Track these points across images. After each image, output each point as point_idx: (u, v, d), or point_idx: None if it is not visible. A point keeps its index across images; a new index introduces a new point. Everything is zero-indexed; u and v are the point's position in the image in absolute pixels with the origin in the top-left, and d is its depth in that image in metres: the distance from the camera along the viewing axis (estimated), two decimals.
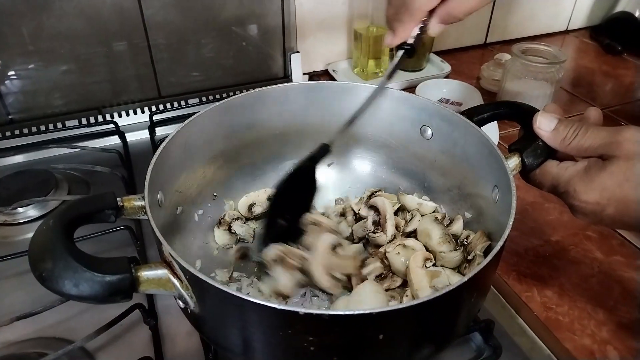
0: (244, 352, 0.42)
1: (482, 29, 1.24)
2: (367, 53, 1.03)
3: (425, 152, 0.63)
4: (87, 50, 0.88)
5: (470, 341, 0.57)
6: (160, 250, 0.41)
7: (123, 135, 0.88)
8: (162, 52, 0.92)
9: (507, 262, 0.64)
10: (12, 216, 0.70)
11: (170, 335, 0.56)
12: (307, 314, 0.34)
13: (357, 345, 0.38)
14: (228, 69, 1.00)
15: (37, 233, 0.39)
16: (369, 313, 0.34)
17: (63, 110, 0.91)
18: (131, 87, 0.94)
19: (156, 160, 0.49)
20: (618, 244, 0.67)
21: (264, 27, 0.99)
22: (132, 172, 0.80)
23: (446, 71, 1.10)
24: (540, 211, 0.73)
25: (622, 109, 1.01)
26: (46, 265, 0.36)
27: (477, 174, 0.56)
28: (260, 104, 0.62)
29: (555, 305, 0.59)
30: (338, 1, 1.02)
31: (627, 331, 0.56)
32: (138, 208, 0.45)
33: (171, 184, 0.54)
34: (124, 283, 0.37)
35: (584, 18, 1.36)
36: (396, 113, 0.63)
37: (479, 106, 0.58)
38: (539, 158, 0.49)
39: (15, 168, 0.79)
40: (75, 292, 0.35)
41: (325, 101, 0.65)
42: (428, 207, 0.63)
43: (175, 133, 0.53)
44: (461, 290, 0.38)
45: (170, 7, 0.89)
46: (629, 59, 1.22)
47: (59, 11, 0.82)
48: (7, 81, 0.85)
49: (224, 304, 0.38)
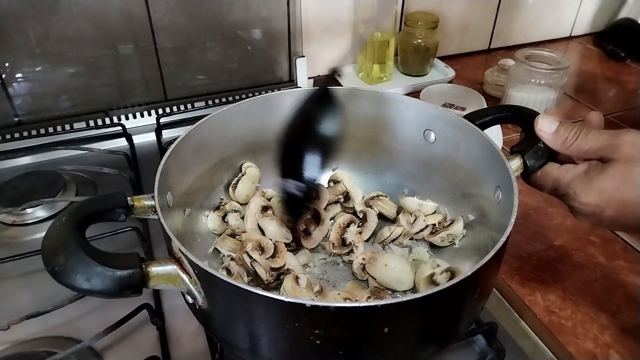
0: (250, 347, 0.42)
1: (486, 34, 1.25)
2: (371, 58, 1.04)
3: (428, 155, 0.64)
4: (95, 53, 0.89)
5: (473, 344, 0.57)
6: (169, 247, 0.42)
7: (130, 138, 0.89)
8: (169, 55, 0.93)
9: (511, 266, 0.65)
10: (21, 217, 0.71)
11: (177, 335, 0.57)
12: (313, 306, 0.35)
13: (363, 338, 0.38)
14: (234, 72, 1.01)
15: (51, 229, 0.39)
16: (375, 305, 0.35)
17: (71, 113, 0.91)
18: (138, 90, 0.95)
19: (166, 161, 0.49)
20: (621, 249, 0.68)
21: (270, 32, 0.99)
22: (139, 174, 0.81)
23: (450, 76, 1.10)
24: (544, 216, 0.73)
25: (625, 114, 1.01)
26: (59, 260, 0.36)
27: (480, 176, 0.56)
28: (268, 109, 0.63)
29: (558, 309, 0.59)
30: (343, 6, 1.03)
31: (630, 335, 0.56)
32: (147, 207, 0.45)
33: (180, 186, 0.55)
34: (134, 278, 0.37)
35: (587, 24, 1.37)
36: (400, 117, 0.64)
37: (481, 110, 0.59)
38: (540, 160, 0.50)
39: (23, 169, 0.80)
40: (87, 287, 0.36)
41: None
42: (429, 208, 0.64)
43: (185, 135, 0.54)
44: (465, 284, 0.38)
45: (177, 11, 0.90)
46: (632, 65, 1.23)
47: (67, 14, 0.83)
48: (15, 83, 0.86)
49: (232, 297, 0.38)
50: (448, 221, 0.62)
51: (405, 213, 0.64)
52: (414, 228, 0.62)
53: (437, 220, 0.62)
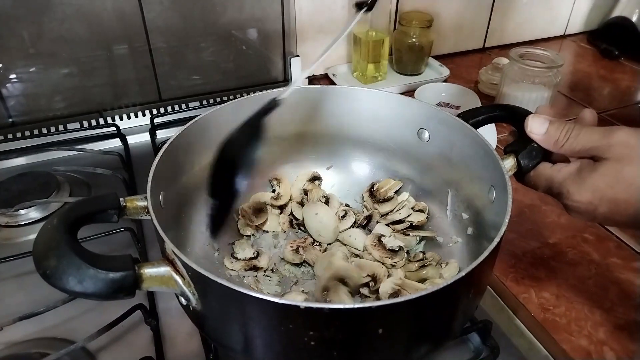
0: (244, 349, 0.42)
1: (481, 33, 1.25)
2: (366, 57, 1.04)
3: (422, 154, 0.64)
4: (89, 53, 0.88)
5: (468, 342, 0.57)
6: (162, 248, 0.42)
7: (124, 138, 0.88)
8: (163, 55, 0.93)
9: (505, 263, 0.65)
10: (14, 218, 0.71)
11: (171, 335, 0.57)
12: (307, 308, 0.35)
13: (357, 340, 0.38)
14: (228, 72, 1.01)
15: (42, 232, 0.39)
16: (369, 307, 0.35)
17: (64, 113, 0.91)
18: (132, 90, 0.95)
19: (158, 162, 0.49)
20: (615, 246, 0.68)
21: (264, 31, 0.99)
22: (133, 175, 0.80)
23: (445, 75, 1.10)
24: (538, 214, 0.73)
25: (619, 112, 1.02)
26: (50, 262, 0.36)
27: (474, 175, 0.56)
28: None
29: (552, 307, 0.60)
30: (337, 5, 1.03)
31: (624, 332, 0.57)
32: (140, 208, 0.45)
33: (173, 185, 0.54)
34: (127, 280, 0.37)
35: (581, 23, 1.37)
36: (394, 116, 0.64)
37: (475, 109, 0.59)
38: (534, 160, 0.50)
39: (17, 170, 0.80)
40: (79, 289, 0.36)
41: (324, 104, 0.66)
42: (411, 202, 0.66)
43: (177, 135, 0.54)
44: (459, 285, 0.38)
45: (171, 11, 0.89)
46: (625, 63, 1.23)
47: (60, 15, 0.83)
48: (9, 84, 0.86)
49: (226, 299, 0.38)
50: (444, 262, 0.59)
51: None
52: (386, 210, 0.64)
53: (419, 219, 0.63)
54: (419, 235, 0.63)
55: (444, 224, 0.63)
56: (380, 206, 0.64)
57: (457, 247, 0.60)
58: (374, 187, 0.66)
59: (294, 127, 0.67)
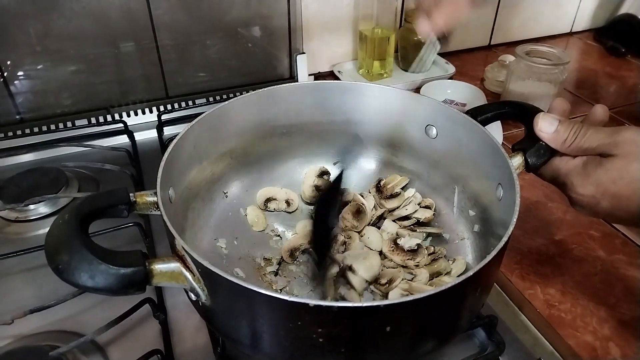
0: (253, 344, 0.43)
1: (487, 30, 1.25)
2: (372, 54, 1.04)
3: (430, 151, 0.64)
4: (96, 50, 0.89)
5: (473, 337, 0.58)
6: (172, 244, 0.42)
7: (132, 135, 0.89)
8: (170, 52, 0.94)
9: (511, 260, 0.65)
10: (23, 213, 0.71)
11: (179, 329, 0.57)
12: (316, 306, 0.35)
13: (365, 337, 0.39)
14: (234, 69, 1.01)
15: (53, 227, 0.39)
16: (377, 305, 0.35)
17: (72, 110, 0.92)
18: (139, 87, 0.95)
19: (167, 157, 0.49)
20: (621, 243, 0.68)
21: (270, 29, 1.00)
22: (140, 171, 0.81)
23: (450, 72, 1.10)
24: (544, 210, 0.73)
25: (626, 110, 1.01)
26: (62, 257, 0.37)
27: (481, 173, 0.57)
28: (268, 103, 0.64)
29: (558, 303, 0.60)
30: (343, 2, 1.04)
31: (629, 328, 0.57)
32: (150, 203, 0.46)
33: (182, 181, 0.55)
34: (138, 276, 0.37)
35: (587, 20, 1.37)
36: (401, 113, 0.64)
37: (483, 106, 0.59)
38: (542, 158, 0.50)
39: (26, 166, 0.80)
40: (90, 284, 0.36)
41: (331, 100, 0.66)
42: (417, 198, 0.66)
43: (186, 130, 0.54)
44: (466, 284, 0.39)
45: (178, 8, 0.90)
46: (632, 60, 1.23)
47: (67, 12, 0.83)
48: (17, 81, 0.86)
49: (235, 296, 0.39)
50: (451, 259, 0.60)
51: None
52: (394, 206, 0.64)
53: (425, 215, 0.63)
54: (425, 232, 0.63)
55: (451, 220, 0.64)
56: (387, 202, 0.65)
57: (464, 244, 0.61)
58: (381, 182, 0.67)
59: (301, 122, 0.67)
